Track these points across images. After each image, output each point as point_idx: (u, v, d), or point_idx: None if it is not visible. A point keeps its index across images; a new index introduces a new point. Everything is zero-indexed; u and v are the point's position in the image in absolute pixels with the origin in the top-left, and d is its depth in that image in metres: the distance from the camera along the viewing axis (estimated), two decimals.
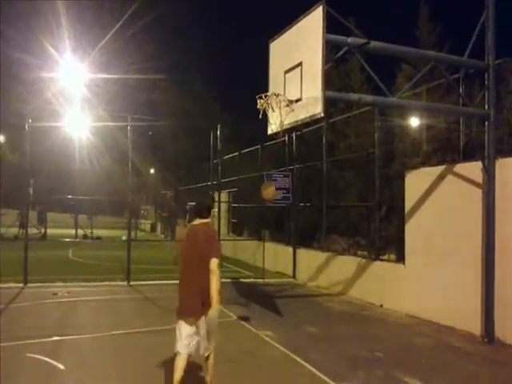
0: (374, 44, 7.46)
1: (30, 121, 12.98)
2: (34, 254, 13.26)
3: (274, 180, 14.65)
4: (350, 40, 7.37)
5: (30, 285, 12.10)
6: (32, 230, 20.71)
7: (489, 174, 7.93)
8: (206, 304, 4.67)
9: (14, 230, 25.43)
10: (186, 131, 33.59)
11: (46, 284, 12.22)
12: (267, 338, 7.74)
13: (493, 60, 8.13)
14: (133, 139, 13.82)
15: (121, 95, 27.85)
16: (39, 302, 10.22)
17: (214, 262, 4.69)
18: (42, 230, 25.40)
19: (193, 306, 4.78)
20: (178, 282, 5.00)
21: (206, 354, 4.93)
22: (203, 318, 4.76)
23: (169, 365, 6.45)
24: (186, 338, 4.82)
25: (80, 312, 9.66)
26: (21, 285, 12.05)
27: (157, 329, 8.24)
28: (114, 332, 7.89)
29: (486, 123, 8.14)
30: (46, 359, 6.39)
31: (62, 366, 6.16)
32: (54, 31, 22.58)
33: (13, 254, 13.90)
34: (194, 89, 38.23)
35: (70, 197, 23.78)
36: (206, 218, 5.02)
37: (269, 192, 9.32)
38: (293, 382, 5.93)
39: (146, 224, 43.08)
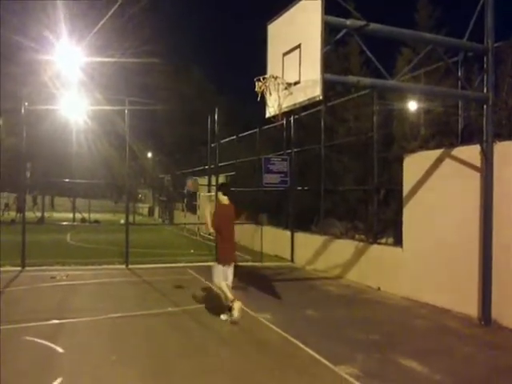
0: (373, 26, 7.36)
1: (27, 104, 12.89)
2: (31, 238, 13.27)
3: (272, 164, 14.64)
4: (348, 22, 7.28)
5: (27, 268, 12.12)
6: (30, 214, 20.67)
7: (487, 157, 7.91)
8: (235, 254, 8.12)
9: (12, 214, 25.43)
10: (183, 114, 33.44)
11: (44, 267, 12.24)
12: (265, 321, 7.78)
13: (492, 43, 8.05)
14: (130, 123, 13.74)
15: (117, 79, 27.61)
16: (37, 286, 10.25)
17: None
18: (38, 214, 25.41)
19: (232, 256, 7.98)
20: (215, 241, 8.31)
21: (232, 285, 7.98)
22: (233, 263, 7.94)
23: (166, 347, 6.51)
24: (226, 274, 7.83)
25: (78, 295, 9.69)
26: (18, 268, 12.08)
27: (155, 312, 8.29)
28: (112, 315, 7.93)
29: (485, 107, 8.09)
30: (45, 342, 6.42)
31: (60, 349, 6.19)
32: (49, 13, 22.26)
33: (10, 238, 13.91)
34: (190, 72, 37.93)
35: (67, 180, 23.72)
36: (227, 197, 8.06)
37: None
38: (291, 364, 5.97)
39: (143, 208, 43.13)
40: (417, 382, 5.44)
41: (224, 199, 8.03)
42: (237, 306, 7.52)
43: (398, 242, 10.41)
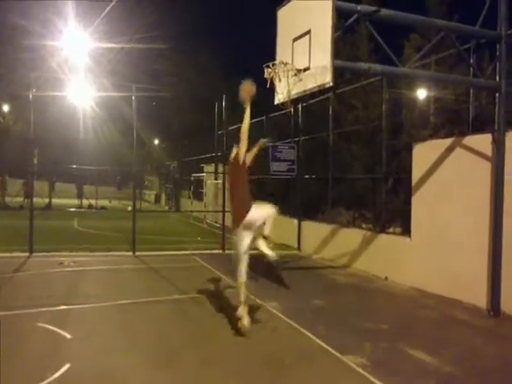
0: (384, 12, 7.24)
1: (34, 90, 12.86)
2: (39, 224, 13.30)
3: (280, 152, 14.56)
4: (360, 8, 7.16)
5: (35, 254, 12.16)
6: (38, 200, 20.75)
7: (499, 146, 7.81)
8: None
9: (19, 200, 25.51)
10: (190, 101, 33.27)
11: (52, 253, 12.28)
12: (273, 310, 7.77)
13: (505, 30, 7.91)
14: (137, 109, 13.67)
15: (124, 65, 27.48)
16: (45, 271, 10.28)
17: None
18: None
19: None
20: None
21: None
22: None
23: (172, 335, 6.51)
24: None
25: (86, 281, 9.71)
26: (27, 254, 12.13)
27: (162, 299, 8.30)
28: (120, 301, 7.94)
29: (497, 95, 7.97)
30: (53, 328, 6.43)
31: (68, 335, 6.20)
32: None
33: (18, 224, 13.96)
34: (198, 58, 37.64)
35: (74, 167, 23.77)
36: None
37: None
38: (298, 353, 5.95)
39: (150, 195, 43.25)
40: (426, 373, 5.40)
41: None
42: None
43: (406, 231, 10.34)
